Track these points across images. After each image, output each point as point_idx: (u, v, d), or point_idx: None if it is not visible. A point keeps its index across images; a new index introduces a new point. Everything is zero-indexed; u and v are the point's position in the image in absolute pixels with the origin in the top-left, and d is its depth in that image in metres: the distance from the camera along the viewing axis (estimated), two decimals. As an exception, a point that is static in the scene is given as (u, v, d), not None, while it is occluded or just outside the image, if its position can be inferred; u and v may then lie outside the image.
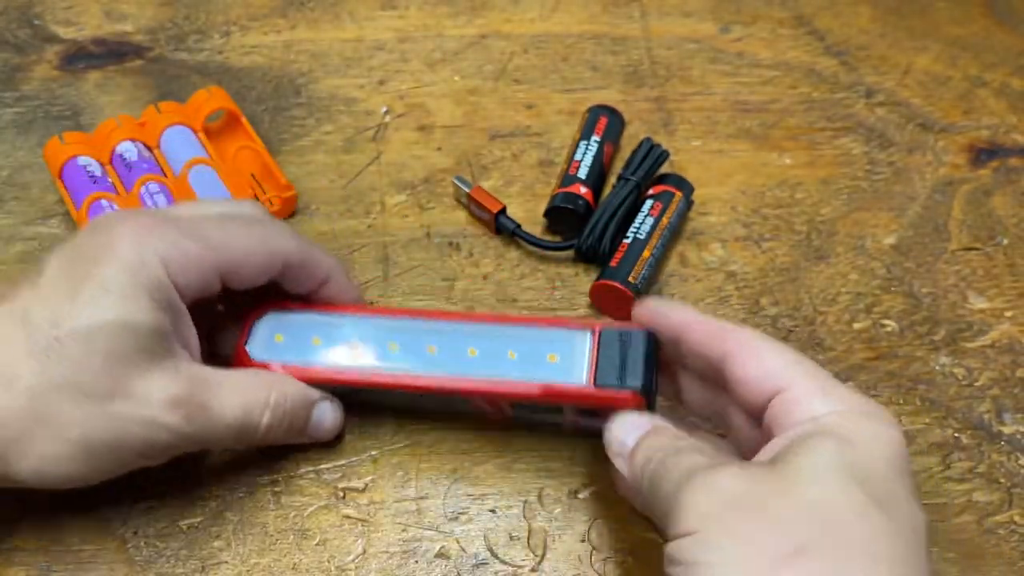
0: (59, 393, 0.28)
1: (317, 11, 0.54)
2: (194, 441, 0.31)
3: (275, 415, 0.33)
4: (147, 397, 0.29)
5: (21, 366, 0.28)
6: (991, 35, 0.54)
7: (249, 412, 0.32)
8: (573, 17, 0.55)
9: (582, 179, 0.44)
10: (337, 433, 0.36)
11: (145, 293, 0.29)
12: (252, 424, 0.32)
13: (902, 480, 0.26)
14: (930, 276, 0.43)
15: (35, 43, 0.52)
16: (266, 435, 0.33)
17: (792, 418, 0.28)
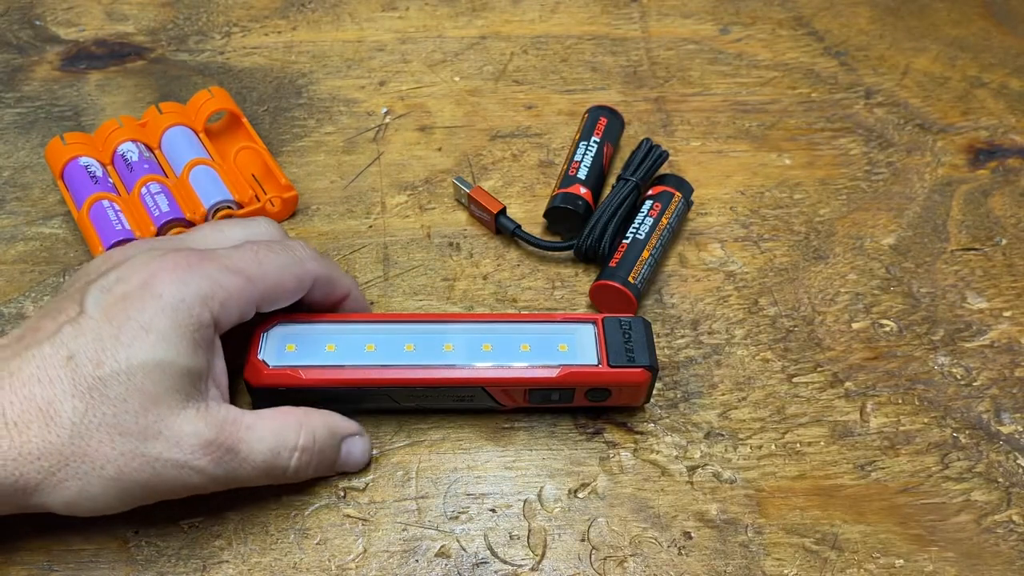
0: (99, 432, 0.29)
1: (318, 12, 0.54)
2: (222, 483, 0.32)
3: (303, 456, 0.33)
4: (180, 440, 0.30)
5: (65, 404, 0.29)
6: (990, 36, 0.55)
7: (278, 454, 0.32)
8: (573, 18, 0.55)
9: (582, 179, 0.44)
10: (366, 464, 0.36)
11: (186, 334, 0.30)
12: (281, 466, 0.33)
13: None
14: (929, 276, 0.44)
15: (36, 44, 0.52)
16: (296, 474, 0.34)
17: None
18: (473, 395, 0.36)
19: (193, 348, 0.30)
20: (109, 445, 0.29)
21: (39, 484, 0.29)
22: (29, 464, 0.29)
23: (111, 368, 0.29)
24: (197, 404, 0.31)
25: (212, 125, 0.47)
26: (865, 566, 0.35)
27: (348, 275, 0.37)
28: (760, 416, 0.39)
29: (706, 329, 0.41)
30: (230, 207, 0.43)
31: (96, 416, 0.29)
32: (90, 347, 0.29)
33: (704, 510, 0.36)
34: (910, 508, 0.36)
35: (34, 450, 0.29)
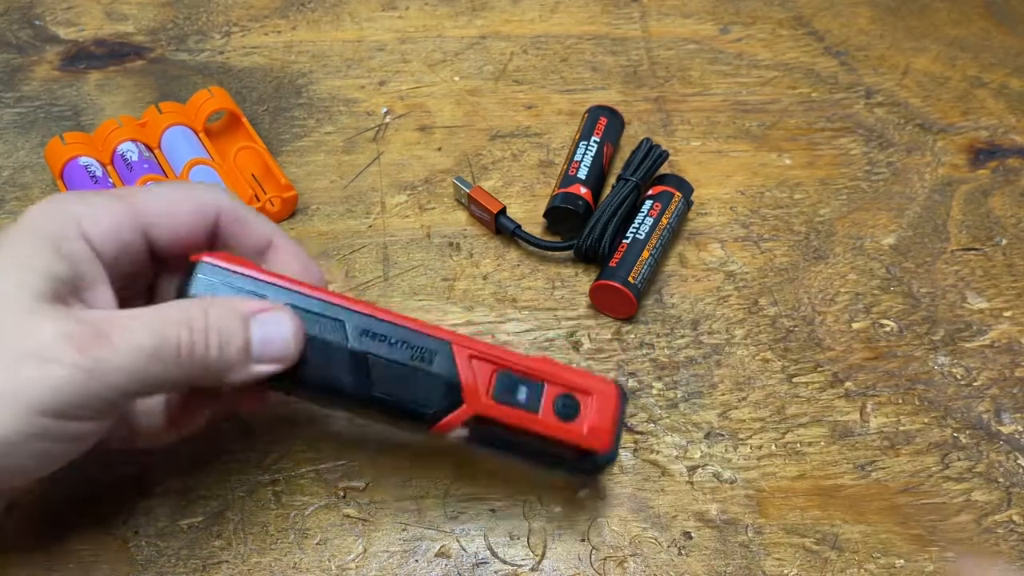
0: None
1: (318, 12, 0.54)
2: (103, 382, 0.26)
3: (195, 333, 0.27)
4: (39, 335, 0.26)
5: None
6: (990, 36, 0.55)
7: (160, 334, 0.27)
8: (573, 18, 0.55)
9: (582, 179, 0.44)
10: (298, 350, 0.29)
11: (47, 244, 0.27)
12: (168, 348, 0.27)
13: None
14: (929, 276, 0.44)
15: (36, 44, 0.52)
16: (195, 362, 0.27)
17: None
18: (435, 353, 0.31)
19: (54, 257, 0.27)
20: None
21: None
22: None
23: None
24: (63, 309, 0.27)
25: (212, 125, 0.46)
26: (865, 566, 0.35)
27: (272, 224, 0.33)
28: (760, 416, 0.39)
29: (706, 329, 0.41)
30: (230, 207, 0.43)
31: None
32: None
33: (704, 510, 0.36)
34: (910, 508, 0.36)
35: None
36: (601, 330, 0.41)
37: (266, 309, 0.29)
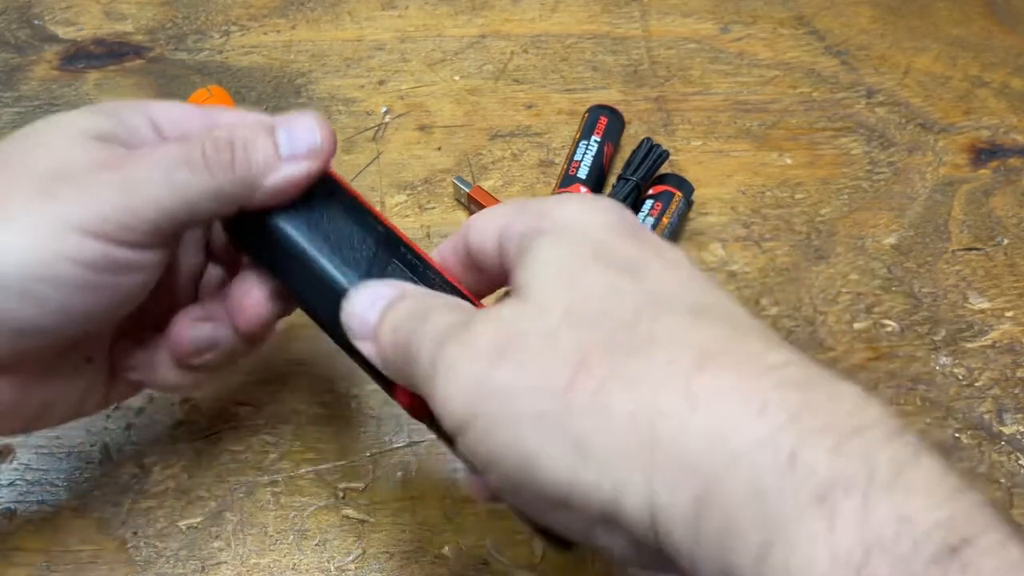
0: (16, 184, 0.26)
1: (317, 11, 0.54)
2: (137, 195, 0.25)
3: (219, 141, 0.26)
4: (78, 160, 0.26)
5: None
6: (991, 35, 0.54)
7: (186, 146, 0.26)
8: (573, 17, 0.55)
9: (582, 179, 0.44)
10: (328, 144, 0.28)
11: (106, 111, 0.28)
12: (195, 157, 0.26)
13: (636, 236, 0.24)
14: (930, 276, 0.43)
15: (35, 43, 0.52)
16: (223, 166, 0.26)
17: (513, 243, 0.25)
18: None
19: (109, 115, 0.27)
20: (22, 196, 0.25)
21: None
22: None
23: (25, 130, 0.27)
24: (107, 144, 0.27)
25: (211, 124, 0.46)
26: (867, 567, 0.34)
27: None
28: (761, 416, 0.38)
29: (707, 329, 0.41)
30: (229, 207, 0.43)
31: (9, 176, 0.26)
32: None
33: (705, 511, 0.36)
34: (912, 509, 0.36)
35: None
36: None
37: (288, 119, 0.28)
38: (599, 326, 0.21)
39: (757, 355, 0.21)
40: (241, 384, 0.39)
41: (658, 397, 0.20)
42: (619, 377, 0.20)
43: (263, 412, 0.38)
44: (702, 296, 0.23)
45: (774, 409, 0.19)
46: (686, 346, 0.21)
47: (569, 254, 0.23)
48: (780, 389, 0.20)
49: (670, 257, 0.24)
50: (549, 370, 0.21)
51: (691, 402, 0.20)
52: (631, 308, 0.22)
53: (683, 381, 0.20)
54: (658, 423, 0.20)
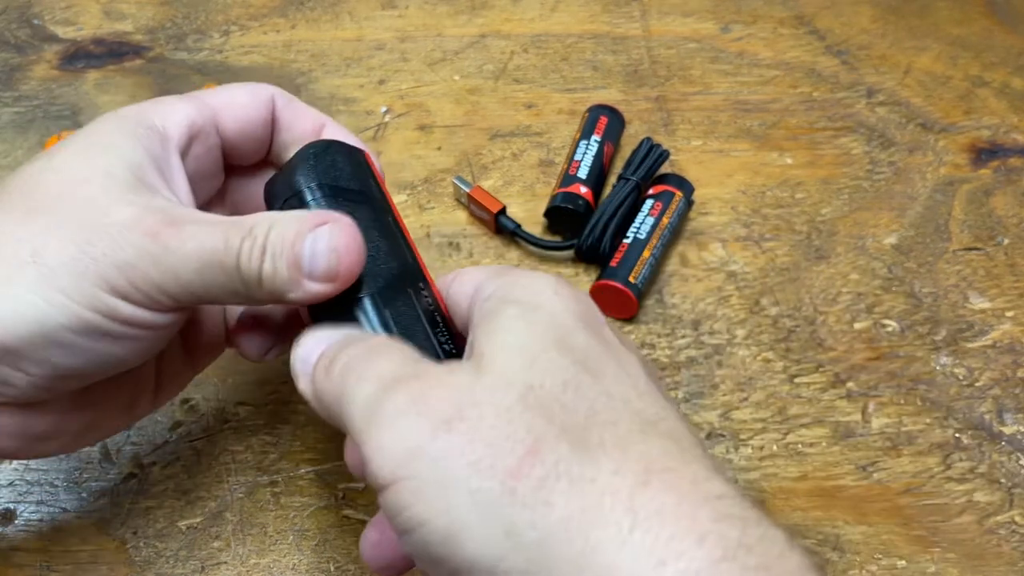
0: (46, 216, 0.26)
1: (317, 11, 0.54)
2: (169, 271, 0.26)
3: (255, 242, 0.26)
4: (116, 216, 0.26)
5: (14, 224, 0.26)
6: (991, 35, 0.54)
7: (225, 237, 0.26)
8: (573, 17, 0.54)
9: (582, 179, 0.44)
10: (348, 268, 0.26)
11: (126, 133, 0.28)
12: (231, 253, 0.26)
13: (599, 333, 0.24)
14: (931, 276, 0.43)
15: (34, 43, 0.52)
16: (251, 272, 0.26)
17: (479, 303, 0.25)
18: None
19: (134, 143, 0.28)
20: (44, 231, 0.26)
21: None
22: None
23: (49, 164, 0.27)
24: (139, 192, 0.27)
25: (211, 124, 0.46)
26: (867, 567, 0.34)
27: (321, 113, 0.33)
28: (762, 417, 0.38)
29: (707, 329, 0.41)
30: (229, 206, 0.43)
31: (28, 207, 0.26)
32: (39, 167, 0.27)
33: (705, 511, 0.36)
34: (912, 509, 0.36)
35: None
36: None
37: (327, 222, 0.26)
38: (554, 416, 0.22)
39: (699, 481, 0.21)
40: (241, 384, 0.39)
41: (600, 505, 0.20)
42: (566, 475, 0.20)
43: (263, 412, 0.38)
44: (651, 407, 0.23)
45: (713, 542, 0.19)
46: (633, 459, 0.21)
47: (534, 334, 0.23)
48: (719, 523, 0.20)
49: (626, 360, 0.24)
50: (498, 449, 0.21)
51: (632, 517, 0.20)
52: (586, 407, 0.22)
53: (626, 494, 0.20)
54: (595, 532, 0.20)
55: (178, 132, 0.29)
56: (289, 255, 0.26)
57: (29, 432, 0.28)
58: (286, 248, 0.26)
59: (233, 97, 0.31)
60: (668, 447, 0.21)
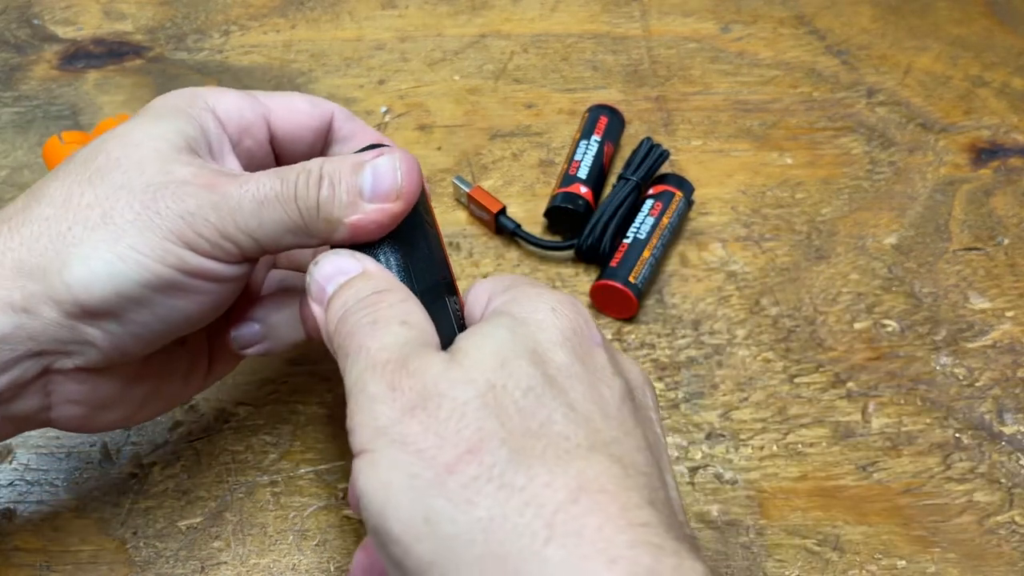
0: (116, 196, 0.27)
1: (317, 11, 0.54)
2: (231, 216, 0.27)
3: (310, 175, 0.27)
4: (176, 173, 0.28)
5: (81, 189, 0.27)
6: (992, 35, 0.54)
7: (280, 176, 0.28)
8: (573, 17, 0.54)
9: (582, 179, 0.44)
10: (410, 187, 0.28)
11: (181, 111, 0.29)
12: (288, 190, 0.27)
13: (582, 355, 0.25)
14: (931, 276, 0.43)
15: (34, 43, 0.52)
16: (309, 201, 0.27)
17: (484, 311, 0.27)
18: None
19: (189, 120, 0.29)
20: (119, 202, 0.27)
21: (62, 258, 0.27)
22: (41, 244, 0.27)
23: (113, 141, 0.28)
24: (199, 159, 0.29)
25: (211, 124, 0.46)
26: (867, 567, 0.34)
27: (379, 133, 0.34)
28: (762, 417, 0.38)
29: (707, 329, 0.41)
30: (229, 206, 0.43)
31: (104, 189, 0.27)
32: (100, 139, 0.29)
33: (705, 511, 0.36)
34: (912, 509, 0.36)
35: (49, 232, 0.27)
36: (602, 330, 0.41)
37: (379, 154, 0.28)
38: (507, 420, 0.22)
39: (629, 508, 0.21)
40: (241, 384, 0.39)
41: (520, 514, 0.21)
42: (497, 479, 0.21)
43: (263, 412, 0.38)
44: (613, 430, 0.23)
45: (623, 567, 0.20)
46: (571, 475, 0.21)
47: (512, 342, 0.24)
48: (634, 549, 0.20)
49: (606, 384, 0.25)
50: (444, 442, 0.22)
51: (548, 531, 0.20)
52: (543, 416, 0.23)
53: (551, 509, 0.21)
54: (509, 539, 0.20)
55: (230, 119, 0.31)
56: (349, 180, 0.27)
57: (96, 399, 0.30)
58: (344, 174, 0.28)
59: (291, 102, 0.32)
60: (612, 470, 0.22)
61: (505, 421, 0.22)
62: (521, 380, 0.23)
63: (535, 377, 0.23)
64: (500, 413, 0.22)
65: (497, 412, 0.22)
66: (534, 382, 0.23)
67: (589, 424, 0.23)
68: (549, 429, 0.22)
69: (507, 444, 0.22)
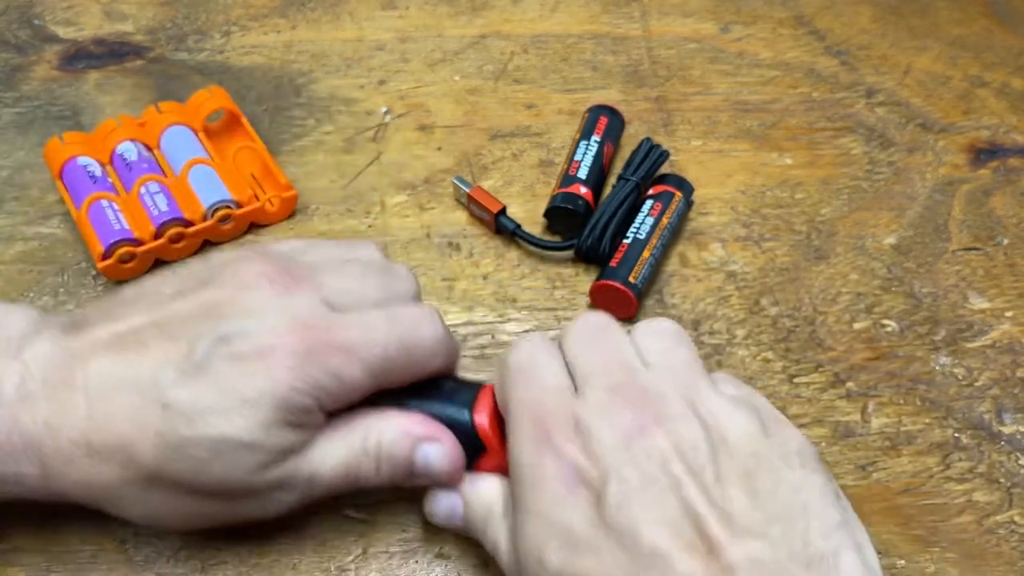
0: (176, 486, 0.29)
1: (317, 11, 0.54)
2: (298, 506, 0.31)
3: (369, 462, 0.31)
4: (258, 493, 0.30)
5: (147, 451, 0.28)
6: (991, 35, 0.54)
7: (347, 468, 0.31)
8: (573, 17, 0.55)
9: (582, 179, 0.44)
10: (455, 476, 0.32)
11: (287, 420, 0.29)
12: (351, 476, 0.31)
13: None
14: (930, 276, 0.43)
15: (35, 43, 0.52)
16: (367, 482, 0.31)
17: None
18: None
19: (290, 430, 0.29)
20: (184, 498, 0.29)
21: (113, 503, 0.30)
22: (103, 490, 0.29)
23: (202, 433, 0.28)
24: (281, 467, 0.30)
25: (211, 124, 0.46)
26: (866, 567, 0.34)
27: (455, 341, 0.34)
28: (761, 416, 0.38)
29: (707, 329, 0.41)
30: (229, 207, 0.43)
31: (175, 470, 0.28)
32: (188, 404, 0.28)
33: (705, 511, 0.36)
34: (911, 509, 0.36)
35: (111, 481, 0.29)
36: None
37: (431, 437, 0.31)
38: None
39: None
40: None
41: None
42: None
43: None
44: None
45: None
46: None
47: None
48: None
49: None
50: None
51: None
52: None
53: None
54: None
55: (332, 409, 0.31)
56: (404, 465, 0.31)
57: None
58: (401, 460, 0.31)
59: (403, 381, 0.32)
60: None
61: None
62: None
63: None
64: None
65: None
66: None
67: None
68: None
69: None
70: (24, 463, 0.29)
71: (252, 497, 0.30)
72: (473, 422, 0.32)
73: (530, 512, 0.27)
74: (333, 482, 0.31)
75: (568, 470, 0.27)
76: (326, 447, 0.30)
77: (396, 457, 0.31)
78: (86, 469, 0.29)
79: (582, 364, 0.30)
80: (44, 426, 0.28)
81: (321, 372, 0.29)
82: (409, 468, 0.31)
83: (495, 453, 0.32)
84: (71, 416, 0.28)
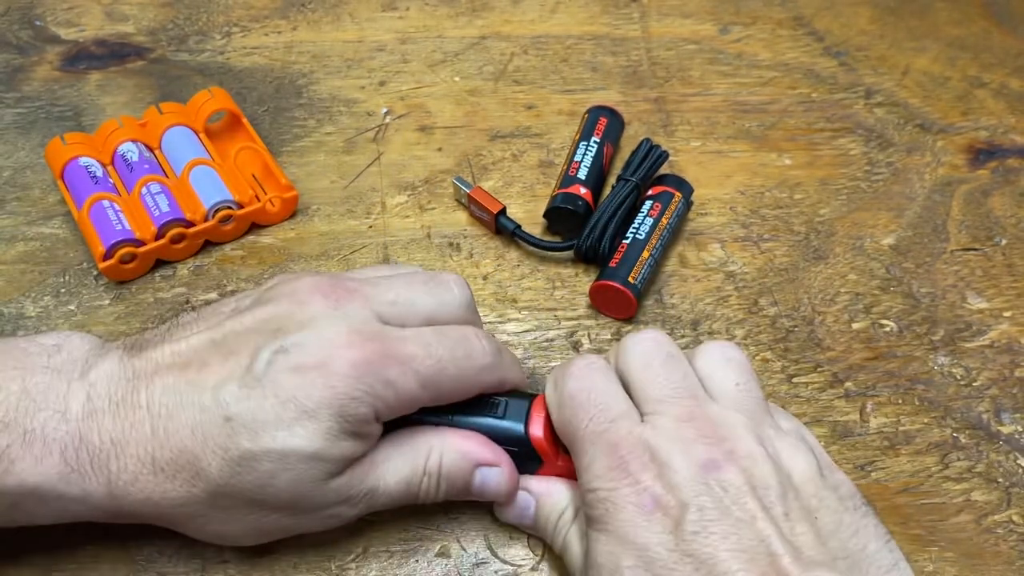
0: (242, 501, 0.30)
1: (318, 12, 0.54)
2: (359, 516, 0.32)
3: (431, 480, 0.32)
4: (322, 505, 0.31)
5: (213, 465, 0.29)
6: (990, 36, 0.55)
7: (408, 482, 0.32)
8: (573, 18, 0.55)
9: (582, 180, 0.44)
10: (511, 497, 0.34)
11: (346, 428, 0.29)
12: (412, 492, 0.32)
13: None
14: (929, 276, 0.44)
15: (37, 44, 0.52)
16: (426, 498, 0.33)
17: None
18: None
19: (351, 439, 0.30)
20: (250, 513, 0.30)
21: (179, 520, 0.30)
22: (170, 508, 0.29)
23: (266, 445, 0.28)
24: (342, 478, 0.30)
25: (212, 125, 0.47)
26: (865, 566, 0.35)
27: (517, 368, 0.35)
28: (760, 416, 0.39)
29: (706, 329, 0.41)
30: (230, 207, 0.43)
31: (240, 484, 0.29)
32: (250, 417, 0.28)
33: (704, 510, 0.36)
34: (910, 508, 0.36)
35: (177, 498, 0.29)
36: (601, 330, 0.41)
37: (489, 462, 0.33)
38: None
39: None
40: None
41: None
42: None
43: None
44: None
45: None
46: None
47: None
48: None
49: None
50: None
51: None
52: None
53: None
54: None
55: (388, 419, 0.32)
56: (463, 485, 0.33)
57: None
58: (460, 480, 0.32)
59: (454, 396, 0.33)
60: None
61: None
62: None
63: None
64: None
65: None
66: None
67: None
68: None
69: None
70: (91, 481, 0.29)
71: (317, 510, 0.31)
72: (529, 436, 0.33)
73: (606, 530, 0.28)
74: (393, 497, 0.32)
75: (647, 498, 0.28)
76: (388, 463, 0.31)
77: (455, 478, 0.32)
78: (152, 487, 0.29)
79: (647, 389, 0.31)
80: (110, 443, 0.29)
81: (378, 382, 0.30)
82: (467, 489, 0.33)
83: (551, 464, 0.33)
84: (136, 433, 0.29)
